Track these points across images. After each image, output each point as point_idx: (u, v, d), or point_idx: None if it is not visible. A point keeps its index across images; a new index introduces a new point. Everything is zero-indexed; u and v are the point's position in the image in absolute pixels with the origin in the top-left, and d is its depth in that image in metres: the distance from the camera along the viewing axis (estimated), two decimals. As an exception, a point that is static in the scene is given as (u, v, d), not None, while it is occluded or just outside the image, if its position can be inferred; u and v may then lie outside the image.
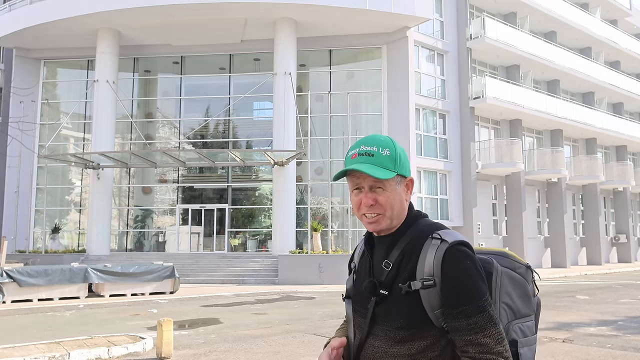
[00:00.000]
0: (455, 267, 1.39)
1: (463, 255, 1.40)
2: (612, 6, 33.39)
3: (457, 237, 1.43)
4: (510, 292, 1.49)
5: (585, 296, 14.77)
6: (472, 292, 1.37)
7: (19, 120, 20.80)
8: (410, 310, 1.41)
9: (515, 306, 1.49)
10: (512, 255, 1.55)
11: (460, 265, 1.39)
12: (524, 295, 1.51)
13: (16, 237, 22.06)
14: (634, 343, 7.94)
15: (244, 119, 25.11)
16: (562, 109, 28.00)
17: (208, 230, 23.38)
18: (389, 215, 1.51)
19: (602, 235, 30.33)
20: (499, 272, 1.48)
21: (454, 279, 1.38)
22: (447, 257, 1.40)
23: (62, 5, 21.08)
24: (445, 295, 1.38)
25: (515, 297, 1.49)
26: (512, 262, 1.53)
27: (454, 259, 1.39)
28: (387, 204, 1.51)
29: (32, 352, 7.09)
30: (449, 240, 1.42)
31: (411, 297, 1.41)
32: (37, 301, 13.62)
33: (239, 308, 12.67)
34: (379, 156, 1.50)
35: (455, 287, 1.38)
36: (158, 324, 7.27)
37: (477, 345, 1.36)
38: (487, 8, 26.72)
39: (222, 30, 22.02)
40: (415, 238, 1.47)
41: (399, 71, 22.29)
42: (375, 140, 1.53)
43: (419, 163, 22.34)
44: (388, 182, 1.50)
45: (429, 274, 1.40)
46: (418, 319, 1.41)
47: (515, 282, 1.50)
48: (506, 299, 1.48)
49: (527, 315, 1.52)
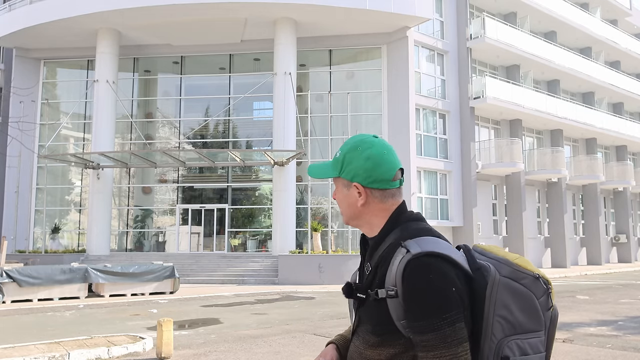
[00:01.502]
0: (413, 281, 1.32)
1: (424, 268, 1.32)
2: (612, 6, 33.38)
3: (425, 247, 1.35)
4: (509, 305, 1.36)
5: (586, 296, 14.76)
6: (427, 308, 1.30)
7: (19, 120, 20.78)
8: (379, 317, 1.39)
9: (514, 320, 1.36)
10: (516, 264, 1.39)
11: (418, 279, 1.31)
12: (529, 309, 1.36)
13: (16, 237, 22.05)
14: (634, 343, 7.93)
15: (244, 119, 25.11)
16: (562, 109, 28.00)
17: (208, 230, 23.37)
18: (343, 213, 1.57)
19: (602, 235, 30.32)
20: (495, 282, 1.36)
21: (411, 292, 1.32)
22: (407, 269, 1.33)
23: (62, 5, 21.08)
24: (405, 307, 1.34)
25: (516, 310, 1.35)
26: (514, 271, 1.38)
27: (413, 272, 1.32)
28: (339, 202, 1.57)
29: (32, 352, 7.09)
30: (412, 252, 1.35)
31: (380, 304, 1.38)
32: (37, 301, 13.61)
33: (239, 308, 12.67)
34: (335, 156, 1.57)
35: (411, 302, 1.32)
36: (158, 324, 7.27)
37: None
38: (487, 8, 26.71)
39: (222, 30, 22.02)
40: (392, 244, 1.43)
41: (399, 71, 22.29)
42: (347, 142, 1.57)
43: (419, 163, 22.34)
44: (337, 182, 1.57)
45: (392, 284, 1.36)
46: (387, 326, 1.37)
47: (516, 294, 1.36)
48: (502, 312, 1.36)
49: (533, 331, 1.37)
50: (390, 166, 1.50)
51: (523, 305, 1.36)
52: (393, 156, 1.51)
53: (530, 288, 1.37)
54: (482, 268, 1.39)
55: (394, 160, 1.51)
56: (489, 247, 1.47)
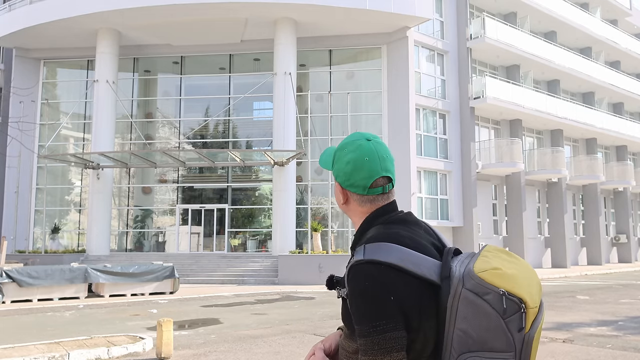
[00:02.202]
0: (351, 286, 1.35)
1: (361, 275, 1.33)
2: (612, 6, 33.38)
3: (369, 254, 1.35)
4: (470, 319, 1.27)
5: (586, 296, 14.75)
6: (360, 315, 1.32)
7: (19, 120, 20.78)
8: (345, 312, 1.42)
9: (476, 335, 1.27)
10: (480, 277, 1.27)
11: (355, 285, 1.34)
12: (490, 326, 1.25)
13: (16, 237, 22.05)
14: (635, 343, 7.93)
15: (244, 119, 25.10)
16: (563, 109, 28.00)
17: (208, 230, 23.36)
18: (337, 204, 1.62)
19: (602, 236, 30.31)
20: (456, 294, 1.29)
21: (349, 298, 1.36)
22: (349, 275, 1.37)
23: (61, 5, 21.07)
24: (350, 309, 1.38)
25: (477, 326, 1.26)
26: (477, 285, 1.27)
27: (352, 278, 1.35)
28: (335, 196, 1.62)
29: (31, 352, 7.08)
30: (355, 258, 1.38)
31: (344, 301, 1.42)
32: (37, 301, 13.61)
33: (239, 308, 12.66)
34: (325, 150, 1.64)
35: (351, 306, 1.35)
36: (158, 324, 7.26)
37: None
38: (487, 8, 26.71)
39: (222, 30, 22.01)
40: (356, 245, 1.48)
41: (399, 71, 22.28)
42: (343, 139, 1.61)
43: (419, 163, 22.33)
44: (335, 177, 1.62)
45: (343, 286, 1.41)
46: (350, 322, 1.39)
47: (478, 309, 1.26)
48: (462, 325, 1.28)
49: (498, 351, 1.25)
50: (369, 174, 1.48)
51: (484, 323, 1.26)
52: (375, 164, 1.48)
53: (494, 305, 1.25)
54: (451, 277, 1.33)
55: (375, 168, 1.47)
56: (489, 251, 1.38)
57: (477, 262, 1.32)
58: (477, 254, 1.38)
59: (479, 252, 1.39)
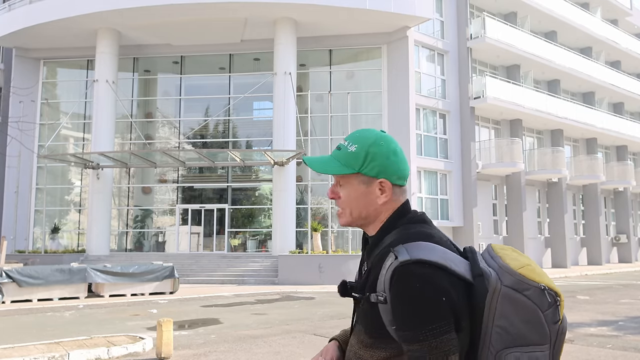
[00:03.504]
0: (400, 289, 1.27)
1: (411, 276, 1.27)
2: (612, 6, 33.36)
3: (414, 254, 1.29)
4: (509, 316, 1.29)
5: (586, 296, 14.74)
6: (412, 318, 1.26)
7: (19, 120, 20.76)
8: (372, 320, 1.35)
9: (515, 331, 1.29)
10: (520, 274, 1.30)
11: (405, 288, 1.27)
12: (531, 321, 1.29)
13: (16, 237, 22.03)
14: (635, 343, 7.92)
15: (243, 119, 25.09)
16: (563, 109, 27.98)
17: (208, 230, 23.35)
18: (348, 213, 1.48)
19: (602, 236, 30.30)
20: (496, 291, 1.30)
21: (397, 301, 1.28)
22: (394, 277, 1.29)
23: (61, 5, 21.06)
24: (392, 315, 1.30)
25: (518, 321, 1.28)
26: (518, 281, 1.30)
27: (399, 280, 1.28)
28: (346, 200, 1.47)
29: (31, 352, 7.07)
30: (400, 259, 1.29)
31: (373, 307, 1.34)
32: (37, 301, 13.60)
33: (239, 308, 12.65)
34: (345, 151, 1.47)
35: (398, 310, 1.28)
36: (158, 324, 7.25)
37: None
38: (487, 8, 26.69)
39: (222, 30, 22.00)
40: (386, 247, 1.38)
41: (399, 71, 22.27)
42: (354, 135, 1.49)
43: (419, 163, 22.32)
44: (348, 179, 1.46)
45: (381, 290, 1.32)
46: (379, 329, 1.34)
47: (518, 305, 1.29)
48: (502, 322, 1.30)
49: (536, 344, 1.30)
50: (407, 164, 1.49)
51: (525, 318, 1.29)
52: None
53: (534, 300, 1.29)
54: (484, 275, 1.32)
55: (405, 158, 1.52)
56: (503, 249, 1.39)
57: (506, 259, 1.33)
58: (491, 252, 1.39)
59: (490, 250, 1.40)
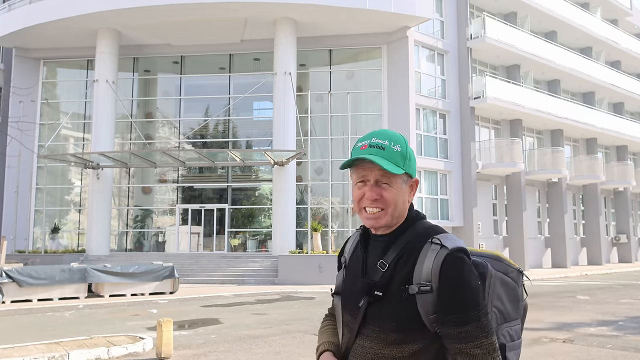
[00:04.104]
0: (453, 275, 1.37)
1: (462, 262, 1.38)
2: (612, 6, 33.36)
3: (456, 243, 1.41)
4: (502, 296, 1.49)
5: (586, 296, 14.74)
6: (467, 301, 1.36)
7: (19, 120, 20.77)
8: (404, 313, 1.39)
9: (505, 310, 1.50)
10: (505, 259, 1.55)
11: (457, 273, 1.37)
12: (514, 300, 1.52)
13: (16, 237, 22.03)
14: (635, 343, 7.92)
15: (243, 119, 25.09)
16: (563, 109, 27.98)
17: (208, 230, 23.35)
18: (390, 213, 1.49)
19: (602, 236, 30.30)
20: (492, 276, 1.49)
21: (450, 286, 1.36)
22: (445, 264, 1.38)
23: (61, 5, 21.06)
24: (441, 301, 1.37)
25: (507, 301, 1.50)
26: (505, 266, 1.54)
27: (452, 266, 1.37)
28: (392, 200, 1.48)
29: (31, 352, 7.07)
30: (449, 247, 1.39)
31: (407, 300, 1.39)
32: (37, 301, 13.60)
33: (239, 308, 12.65)
34: (390, 151, 1.47)
35: (451, 295, 1.36)
36: (158, 324, 7.25)
37: (466, 355, 1.35)
38: (487, 8, 26.68)
39: (222, 30, 22.00)
40: (414, 240, 1.45)
41: (399, 71, 22.27)
42: (388, 135, 1.51)
43: (419, 163, 22.30)
44: (395, 179, 1.48)
45: (426, 279, 1.38)
46: (412, 322, 1.39)
47: (507, 286, 1.51)
48: (497, 303, 1.49)
49: (515, 319, 1.53)
50: None
51: (511, 297, 1.52)
52: None
53: (516, 280, 1.55)
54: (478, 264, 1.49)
55: None
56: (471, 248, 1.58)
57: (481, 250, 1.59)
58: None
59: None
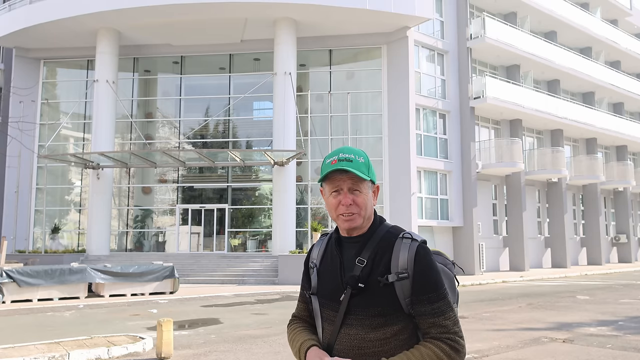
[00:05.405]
0: (424, 262, 1.68)
1: (428, 252, 1.72)
2: (612, 6, 33.37)
3: (420, 237, 1.74)
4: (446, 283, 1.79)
5: (586, 296, 14.75)
6: (436, 282, 1.68)
7: (19, 120, 20.78)
8: (386, 299, 1.66)
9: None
10: (443, 254, 1.91)
11: (427, 260, 1.68)
12: (452, 287, 1.83)
13: (16, 237, 22.04)
14: (635, 343, 7.92)
15: (243, 119, 25.09)
16: (563, 109, 27.98)
17: (208, 230, 23.36)
18: (362, 215, 1.75)
19: (602, 236, 30.31)
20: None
21: (424, 271, 1.66)
22: (418, 254, 1.68)
23: (61, 5, 21.06)
24: (415, 284, 1.65)
25: (449, 288, 1.78)
26: (444, 259, 1.88)
27: (423, 255, 1.68)
28: (363, 204, 1.74)
29: (31, 352, 7.08)
30: (419, 240, 1.71)
31: (387, 288, 1.66)
32: (37, 301, 13.61)
33: (239, 308, 12.66)
34: (357, 162, 1.74)
35: (424, 277, 1.66)
36: (158, 324, 7.26)
37: (439, 327, 1.65)
38: (487, 8, 26.69)
39: (222, 30, 22.01)
40: (386, 238, 1.73)
41: (399, 71, 22.27)
42: (352, 150, 1.77)
43: (419, 163, 22.31)
44: (363, 185, 1.75)
45: (403, 268, 1.66)
46: (392, 306, 1.66)
47: (446, 275, 1.82)
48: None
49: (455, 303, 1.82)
50: None
51: (449, 284, 1.82)
52: None
53: (452, 270, 1.88)
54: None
55: None
56: None
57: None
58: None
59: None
